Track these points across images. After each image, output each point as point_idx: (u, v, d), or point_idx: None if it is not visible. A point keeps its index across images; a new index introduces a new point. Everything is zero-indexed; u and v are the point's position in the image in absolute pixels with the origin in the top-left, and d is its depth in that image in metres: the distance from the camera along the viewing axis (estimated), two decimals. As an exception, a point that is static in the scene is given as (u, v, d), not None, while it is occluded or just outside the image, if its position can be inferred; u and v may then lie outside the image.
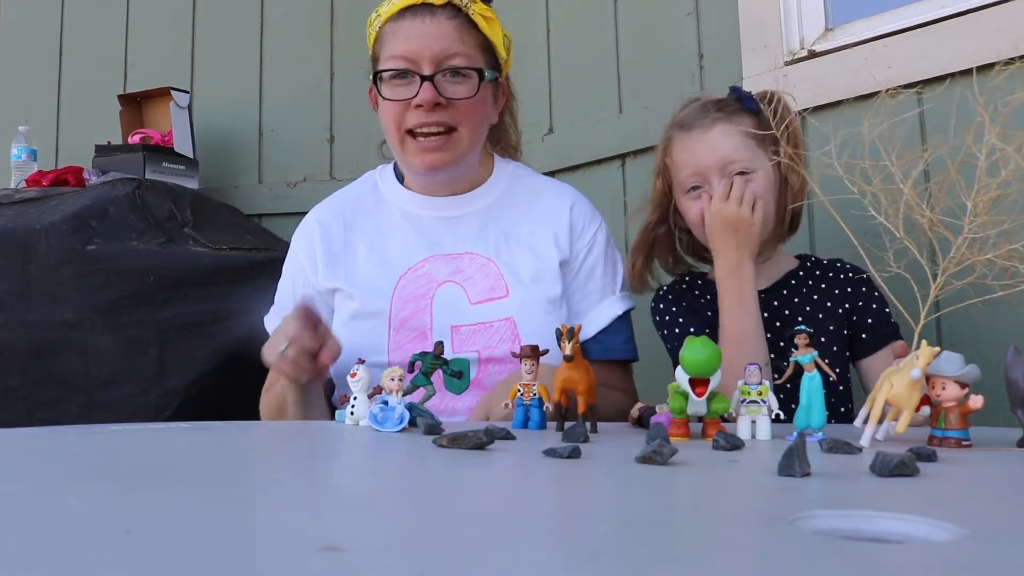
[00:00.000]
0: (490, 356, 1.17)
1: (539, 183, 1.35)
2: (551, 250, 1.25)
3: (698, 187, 1.25)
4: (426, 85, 1.16)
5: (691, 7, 1.77)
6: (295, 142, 2.37)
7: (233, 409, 1.32)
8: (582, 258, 1.28)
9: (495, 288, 1.21)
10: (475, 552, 0.31)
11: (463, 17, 1.19)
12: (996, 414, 0.95)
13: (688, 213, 1.27)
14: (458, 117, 1.19)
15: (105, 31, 2.47)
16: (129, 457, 0.59)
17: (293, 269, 1.32)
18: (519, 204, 1.30)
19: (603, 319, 1.27)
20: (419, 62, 1.17)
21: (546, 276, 1.23)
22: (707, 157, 1.23)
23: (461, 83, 1.18)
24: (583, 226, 1.29)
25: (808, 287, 1.27)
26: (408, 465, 0.60)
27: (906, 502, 0.45)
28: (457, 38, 1.18)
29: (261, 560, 0.29)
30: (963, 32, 1.35)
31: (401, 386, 0.83)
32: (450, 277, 1.22)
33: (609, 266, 1.30)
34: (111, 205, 1.82)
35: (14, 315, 1.72)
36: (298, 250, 1.31)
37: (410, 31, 1.18)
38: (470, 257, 1.24)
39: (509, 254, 1.24)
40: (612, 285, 1.30)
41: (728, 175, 1.22)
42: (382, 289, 1.22)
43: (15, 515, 0.36)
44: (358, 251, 1.27)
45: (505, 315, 1.19)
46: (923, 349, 0.71)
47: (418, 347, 1.18)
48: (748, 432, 0.79)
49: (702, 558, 0.31)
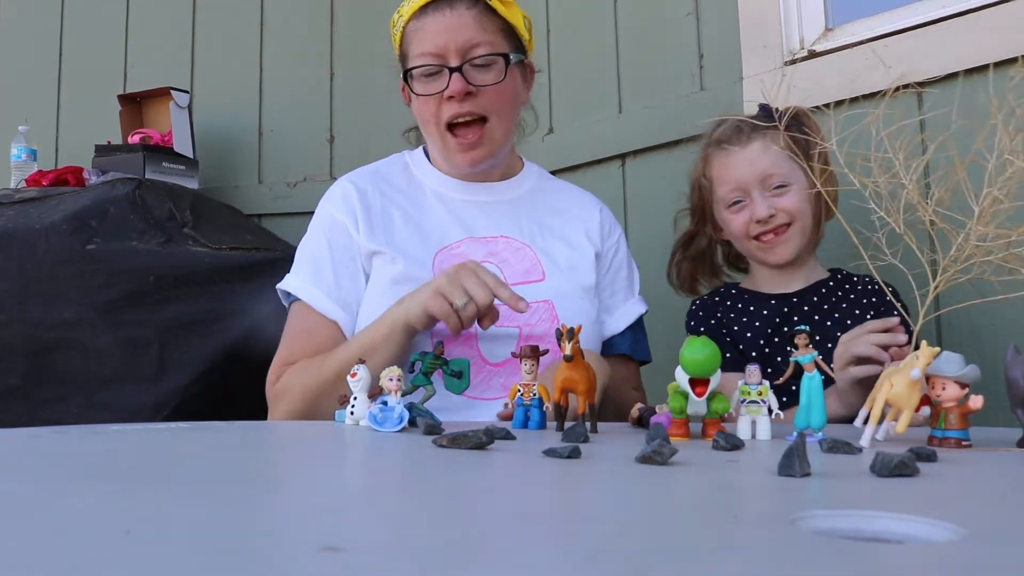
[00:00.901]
0: (531, 333, 1.18)
1: (563, 184, 1.42)
2: (584, 242, 1.30)
3: (740, 201, 1.32)
4: (455, 76, 1.18)
5: (691, 7, 1.77)
6: (295, 142, 2.37)
7: (233, 409, 1.32)
8: (611, 256, 1.33)
9: (531, 272, 1.23)
10: (475, 552, 0.31)
11: (482, 5, 1.21)
12: (996, 414, 0.95)
13: (731, 225, 1.35)
14: (488, 105, 1.21)
15: (105, 31, 2.47)
16: (129, 457, 0.59)
17: (329, 229, 1.24)
18: (548, 200, 1.34)
19: (631, 316, 1.33)
20: (446, 56, 1.19)
21: (580, 265, 1.27)
22: (747, 171, 1.31)
23: (488, 70, 1.21)
24: (611, 227, 1.35)
25: (837, 297, 1.32)
26: (408, 465, 0.60)
27: (906, 502, 0.45)
28: (479, 27, 1.20)
29: (261, 560, 0.29)
30: (963, 32, 1.35)
31: (400, 386, 0.83)
32: (486, 258, 1.22)
33: (631, 270, 1.37)
34: (111, 205, 1.82)
35: (14, 315, 1.72)
36: (335, 211, 1.25)
37: (433, 26, 1.20)
38: (505, 241, 1.25)
39: (544, 241, 1.27)
40: (632, 287, 1.36)
41: (768, 188, 1.30)
42: (422, 257, 1.21)
43: (15, 515, 0.36)
44: (395, 218, 1.25)
45: (542, 298, 1.20)
46: (923, 349, 0.71)
47: None
48: (748, 432, 0.79)
49: (702, 558, 0.31)
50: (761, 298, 1.35)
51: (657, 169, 1.82)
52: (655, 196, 1.81)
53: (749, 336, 1.31)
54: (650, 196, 1.83)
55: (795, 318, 1.30)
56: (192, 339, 1.75)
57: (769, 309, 1.33)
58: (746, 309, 1.34)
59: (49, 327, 1.71)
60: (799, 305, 1.32)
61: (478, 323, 1.06)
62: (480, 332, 1.13)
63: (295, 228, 2.29)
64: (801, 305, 1.32)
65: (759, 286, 1.37)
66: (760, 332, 1.31)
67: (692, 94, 1.76)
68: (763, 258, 1.34)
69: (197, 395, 1.73)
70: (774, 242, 1.30)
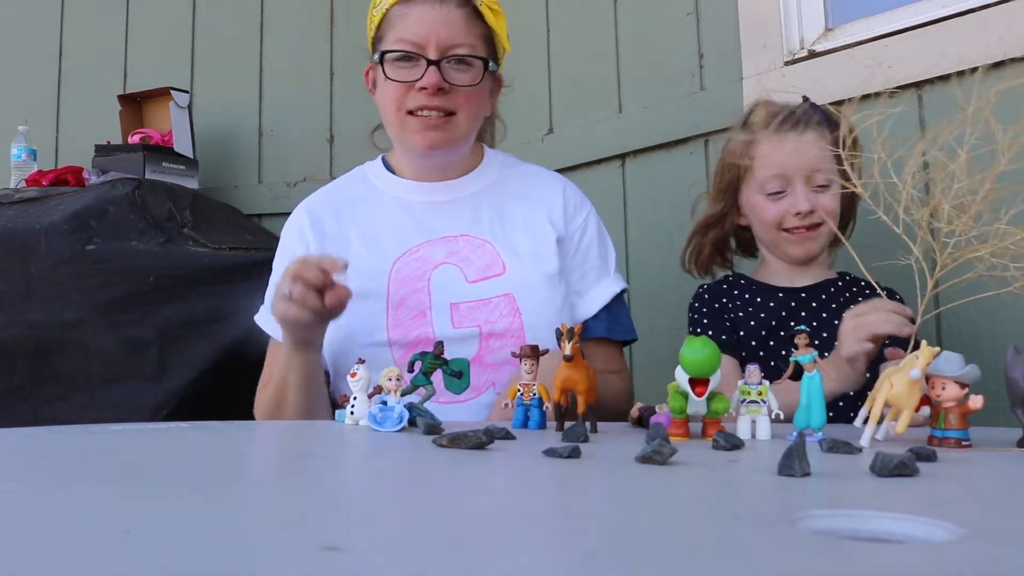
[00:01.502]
0: (491, 331, 1.18)
1: (529, 169, 1.38)
2: (546, 228, 1.27)
3: (780, 191, 1.29)
4: (432, 69, 1.19)
5: (691, 7, 1.77)
6: (295, 142, 2.37)
7: (233, 409, 1.32)
8: (577, 238, 1.30)
9: (491, 267, 1.23)
10: (475, 552, 0.31)
11: (471, 8, 1.22)
12: (996, 414, 0.95)
13: (764, 213, 1.31)
14: (458, 103, 1.21)
15: (105, 31, 2.47)
16: (129, 457, 0.59)
17: (286, 260, 1.28)
18: (511, 189, 1.32)
19: (604, 296, 1.29)
20: (426, 47, 1.20)
21: (543, 253, 1.25)
22: (797, 160, 1.27)
23: (465, 71, 1.22)
24: (575, 207, 1.32)
25: (845, 298, 1.31)
26: (408, 465, 0.60)
27: (906, 502, 0.45)
28: (464, 27, 1.21)
29: (261, 560, 0.29)
30: (963, 32, 1.35)
31: (399, 386, 0.83)
32: (446, 259, 1.23)
33: (603, 248, 1.33)
34: (111, 205, 1.82)
35: (14, 315, 1.72)
36: (289, 243, 1.30)
37: (419, 16, 1.20)
38: (465, 239, 1.25)
39: (504, 234, 1.26)
40: (606, 266, 1.32)
41: (812, 183, 1.27)
42: (377, 271, 1.22)
43: (15, 515, 0.36)
44: (351, 237, 1.27)
45: (503, 291, 1.20)
46: (923, 349, 0.71)
47: (418, 324, 1.19)
48: (748, 432, 0.79)
49: (702, 558, 0.31)
50: (769, 290, 1.34)
51: (657, 169, 1.82)
52: (655, 196, 1.82)
53: (752, 325, 1.30)
54: (650, 196, 1.83)
55: (802, 313, 1.29)
56: (192, 339, 1.75)
57: (776, 302, 1.32)
58: (753, 300, 1.33)
59: (49, 327, 1.71)
60: (806, 301, 1.31)
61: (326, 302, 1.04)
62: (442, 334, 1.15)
63: (295, 228, 2.29)
64: (809, 301, 1.31)
65: (768, 278, 1.36)
66: (764, 323, 1.30)
67: (692, 94, 1.76)
68: (787, 251, 1.31)
69: (197, 395, 1.73)
70: (805, 237, 1.28)
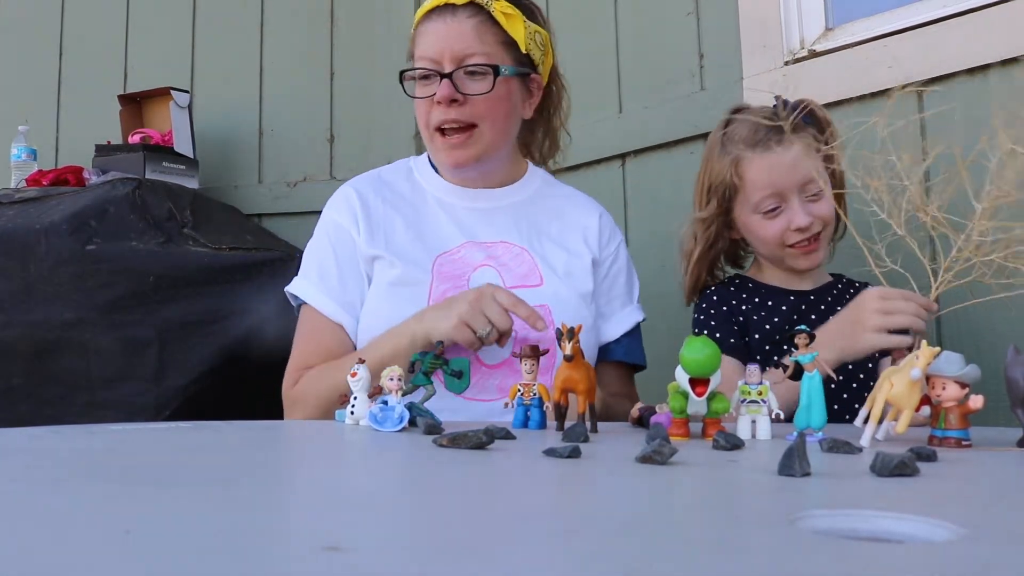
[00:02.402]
0: (526, 336, 1.18)
1: (568, 191, 1.40)
2: (582, 248, 1.30)
3: (776, 208, 1.25)
4: (444, 82, 1.20)
5: (691, 7, 1.77)
6: (295, 142, 2.37)
7: (233, 409, 1.32)
8: (609, 264, 1.33)
9: (529, 276, 1.24)
10: (475, 552, 0.31)
11: (484, 15, 1.22)
12: (996, 414, 0.95)
13: (763, 232, 1.27)
14: (477, 113, 1.22)
15: (105, 31, 2.47)
16: (129, 457, 0.59)
17: (333, 233, 1.28)
18: (549, 205, 1.34)
19: (628, 323, 1.32)
20: (441, 61, 1.21)
21: (578, 271, 1.27)
22: (789, 177, 1.24)
23: (479, 80, 1.22)
24: (610, 234, 1.35)
25: (845, 300, 1.30)
26: (408, 465, 0.60)
27: (906, 502, 0.45)
28: (476, 36, 1.21)
29: (261, 560, 0.29)
30: (964, 32, 1.35)
31: (400, 386, 0.83)
32: (485, 261, 1.24)
33: (630, 278, 1.36)
34: (111, 205, 1.82)
35: (14, 315, 1.72)
36: (338, 216, 1.28)
37: (434, 32, 1.22)
38: (504, 246, 1.26)
39: (542, 246, 1.28)
40: (631, 295, 1.35)
41: (805, 194, 1.24)
42: (421, 262, 1.23)
43: (15, 515, 0.36)
44: (396, 223, 1.27)
45: (540, 302, 1.19)
46: (923, 349, 0.71)
47: None
48: (748, 432, 0.79)
49: (702, 558, 0.31)
50: (779, 293, 1.32)
51: (657, 169, 1.82)
52: (655, 196, 1.81)
53: (768, 329, 1.28)
54: (650, 196, 1.83)
55: (812, 316, 1.27)
56: (192, 339, 1.75)
57: (788, 305, 1.30)
58: (764, 303, 1.31)
59: (49, 327, 1.71)
60: (816, 304, 1.30)
61: (496, 342, 1.10)
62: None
63: (295, 228, 2.29)
64: (818, 304, 1.30)
65: (771, 279, 1.34)
66: (778, 327, 1.28)
67: (692, 94, 1.76)
68: (793, 264, 1.29)
69: (197, 395, 1.73)
70: (809, 250, 1.26)
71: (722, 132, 1.32)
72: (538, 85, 1.32)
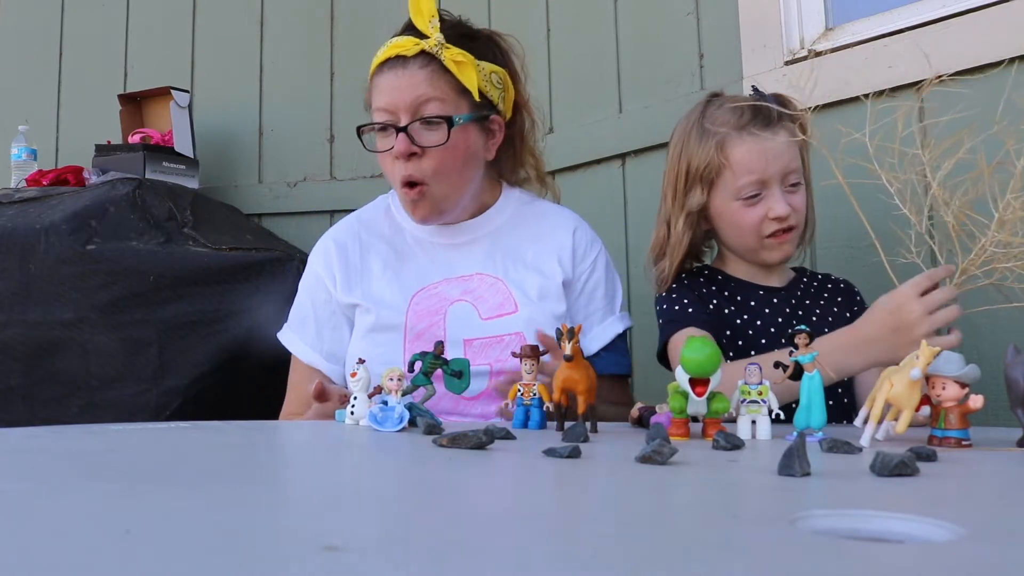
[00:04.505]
0: (501, 369, 1.21)
1: (543, 208, 1.38)
2: (555, 269, 1.30)
3: (757, 195, 1.23)
4: (400, 136, 1.20)
5: (691, 7, 1.77)
6: (295, 142, 2.37)
7: (233, 409, 1.32)
8: (584, 280, 1.32)
9: (504, 305, 1.26)
10: (475, 552, 0.31)
11: (436, 63, 1.21)
12: (996, 414, 0.95)
13: (742, 219, 1.24)
14: (429, 168, 1.21)
15: (105, 31, 2.47)
16: (129, 457, 0.59)
17: (312, 286, 1.34)
18: (524, 228, 1.34)
19: (605, 337, 1.32)
20: (397, 113, 1.21)
21: (551, 294, 1.28)
22: (775, 164, 1.22)
23: (434, 130, 1.21)
24: (585, 249, 1.33)
25: (811, 294, 1.31)
26: (408, 465, 0.60)
27: (906, 502, 0.45)
28: (430, 85, 1.20)
29: (261, 560, 0.29)
30: (963, 32, 1.35)
31: (400, 386, 0.83)
32: (461, 296, 1.27)
33: (610, 288, 1.35)
34: (111, 205, 1.82)
35: (14, 314, 1.72)
36: (317, 268, 1.34)
37: (387, 84, 1.22)
38: (479, 277, 1.28)
39: (517, 273, 1.29)
40: (612, 306, 1.34)
41: (786, 184, 1.23)
42: (397, 304, 1.26)
43: (15, 515, 0.36)
44: (373, 269, 1.31)
45: (514, 330, 1.23)
46: (923, 349, 0.71)
47: None
48: (748, 432, 0.79)
49: (702, 558, 0.31)
50: (750, 288, 1.30)
51: (657, 169, 1.80)
52: (655, 196, 1.81)
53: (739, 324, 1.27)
54: (650, 196, 1.82)
55: (786, 310, 1.27)
56: (192, 339, 1.75)
57: (757, 300, 1.29)
58: (734, 298, 1.29)
59: (49, 327, 1.71)
60: (787, 299, 1.29)
61: None
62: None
63: (295, 228, 2.30)
64: (789, 299, 1.29)
65: (738, 273, 1.32)
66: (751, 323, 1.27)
67: (692, 94, 1.75)
68: (764, 256, 1.26)
69: (197, 395, 1.73)
70: (783, 240, 1.24)
71: (698, 117, 1.28)
72: (499, 125, 1.30)
